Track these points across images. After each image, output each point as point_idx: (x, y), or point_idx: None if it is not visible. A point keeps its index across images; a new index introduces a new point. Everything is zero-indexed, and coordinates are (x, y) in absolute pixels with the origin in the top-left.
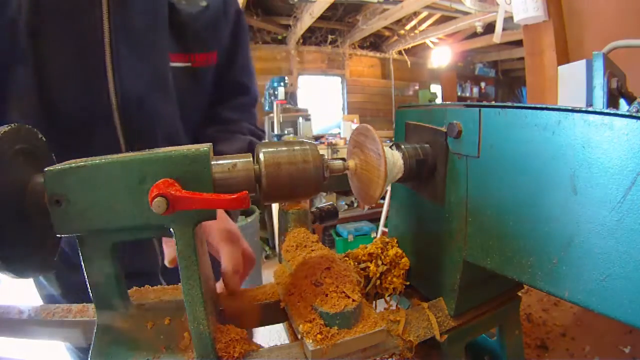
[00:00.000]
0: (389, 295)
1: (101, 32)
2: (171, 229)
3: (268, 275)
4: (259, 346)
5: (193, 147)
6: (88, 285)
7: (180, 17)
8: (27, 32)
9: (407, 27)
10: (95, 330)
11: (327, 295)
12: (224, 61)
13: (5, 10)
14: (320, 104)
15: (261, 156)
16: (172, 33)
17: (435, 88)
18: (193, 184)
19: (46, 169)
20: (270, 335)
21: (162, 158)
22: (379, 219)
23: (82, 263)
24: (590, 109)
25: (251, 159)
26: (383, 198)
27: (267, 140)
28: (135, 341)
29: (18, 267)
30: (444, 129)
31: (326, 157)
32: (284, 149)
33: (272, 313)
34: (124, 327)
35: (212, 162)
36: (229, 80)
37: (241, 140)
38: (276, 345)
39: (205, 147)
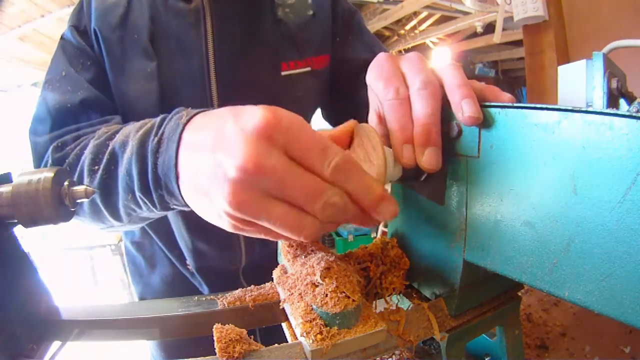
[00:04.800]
0: (389, 295)
1: (206, 47)
2: None
3: None
4: (259, 346)
5: None
6: None
7: (289, 27)
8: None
9: (407, 27)
10: None
11: (327, 295)
12: (337, 63)
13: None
14: None
15: None
16: (286, 43)
17: None
18: None
19: None
20: None
21: None
22: None
23: None
24: (590, 109)
25: None
26: None
27: None
28: None
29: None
30: (444, 129)
31: None
32: None
33: (272, 313)
34: None
35: None
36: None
37: None
38: (276, 345)
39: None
